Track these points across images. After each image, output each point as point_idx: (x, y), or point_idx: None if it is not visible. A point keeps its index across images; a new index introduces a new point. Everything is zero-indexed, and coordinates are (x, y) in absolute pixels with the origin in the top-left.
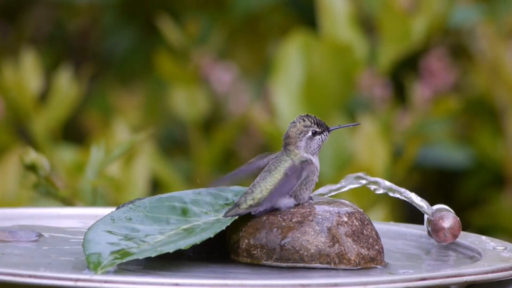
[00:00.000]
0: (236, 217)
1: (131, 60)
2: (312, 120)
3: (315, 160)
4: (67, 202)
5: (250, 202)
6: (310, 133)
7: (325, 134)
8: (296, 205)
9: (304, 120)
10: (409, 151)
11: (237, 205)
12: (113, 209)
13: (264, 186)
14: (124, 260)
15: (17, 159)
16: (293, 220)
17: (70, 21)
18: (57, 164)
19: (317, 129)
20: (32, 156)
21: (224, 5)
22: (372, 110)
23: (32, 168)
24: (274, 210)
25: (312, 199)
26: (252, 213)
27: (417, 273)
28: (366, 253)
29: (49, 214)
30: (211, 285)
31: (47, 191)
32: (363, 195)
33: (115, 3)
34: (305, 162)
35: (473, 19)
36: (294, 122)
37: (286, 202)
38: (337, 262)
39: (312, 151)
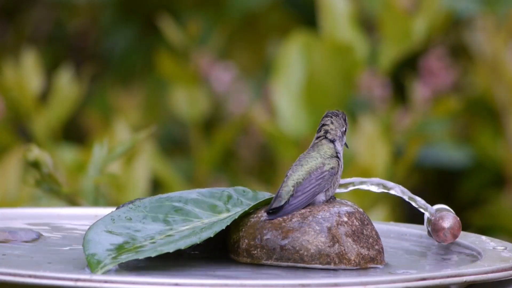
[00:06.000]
0: (239, 215)
1: (130, 60)
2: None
3: (341, 156)
4: (70, 199)
5: (289, 192)
6: (344, 128)
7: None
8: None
9: (343, 116)
10: (409, 151)
11: (278, 196)
12: (114, 209)
13: (295, 178)
14: (124, 260)
15: (18, 158)
16: (293, 220)
17: (69, 21)
18: (57, 164)
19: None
20: (35, 152)
21: (221, 5)
22: (372, 110)
23: (35, 165)
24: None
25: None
26: (290, 209)
27: (417, 273)
28: (366, 253)
29: (49, 214)
30: (211, 285)
31: (50, 188)
32: (364, 195)
33: (114, 2)
34: (334, 159)
35: (473, 9)
36: (337, 114)
37: (319, 199)
38: (337, 262)
39: (340, 148)
